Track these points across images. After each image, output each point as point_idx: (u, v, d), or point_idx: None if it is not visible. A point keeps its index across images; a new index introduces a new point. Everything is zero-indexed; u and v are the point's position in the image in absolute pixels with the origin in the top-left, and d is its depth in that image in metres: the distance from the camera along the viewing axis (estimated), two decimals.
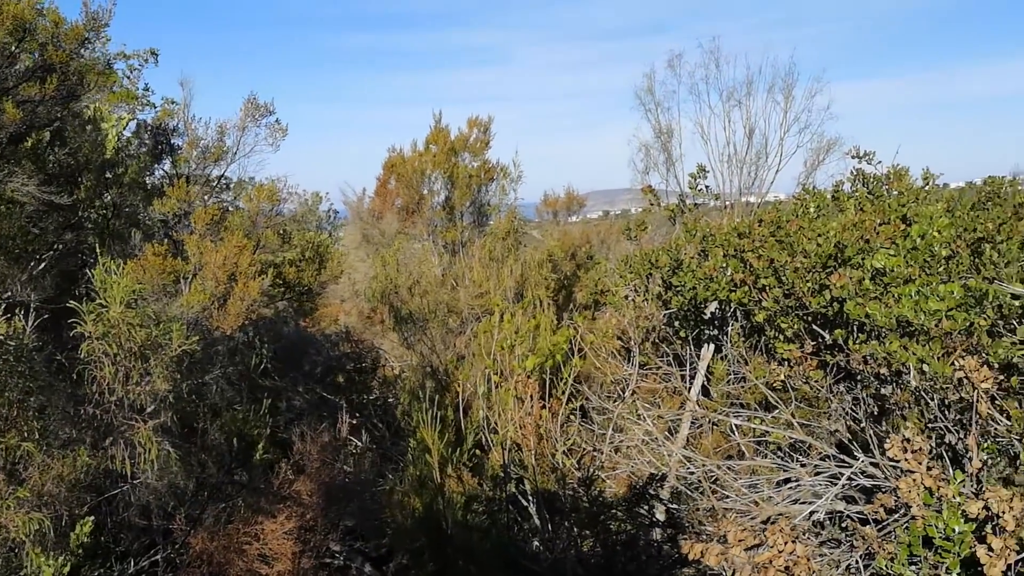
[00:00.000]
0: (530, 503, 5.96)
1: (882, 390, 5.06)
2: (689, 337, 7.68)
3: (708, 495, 5.27)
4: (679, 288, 7.34)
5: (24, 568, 4.72)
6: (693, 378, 7.57)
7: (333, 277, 10.11)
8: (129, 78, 12.37)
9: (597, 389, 7.32)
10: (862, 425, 5.14)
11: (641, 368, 7.66)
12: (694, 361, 7.61)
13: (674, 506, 5.83)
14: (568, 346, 6.27)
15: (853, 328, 5.26)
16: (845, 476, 4.60)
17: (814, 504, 4.54)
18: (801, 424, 5.79)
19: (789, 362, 5.83)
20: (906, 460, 3.85)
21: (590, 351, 7.61)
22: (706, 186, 9.62)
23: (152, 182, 9.55)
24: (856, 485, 4.83)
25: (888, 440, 3.97)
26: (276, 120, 10.53)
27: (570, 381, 6.10)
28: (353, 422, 10.95)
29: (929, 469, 3.88)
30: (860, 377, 5.27)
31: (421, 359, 10.17)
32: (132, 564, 6.15)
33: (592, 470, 5.78)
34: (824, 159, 14.88)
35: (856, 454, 4.89)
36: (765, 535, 3.70)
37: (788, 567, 3.54)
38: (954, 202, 8.05)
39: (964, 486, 3.83)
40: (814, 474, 5.12)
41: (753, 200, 14.31)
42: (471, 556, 5.88)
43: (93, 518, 5.32)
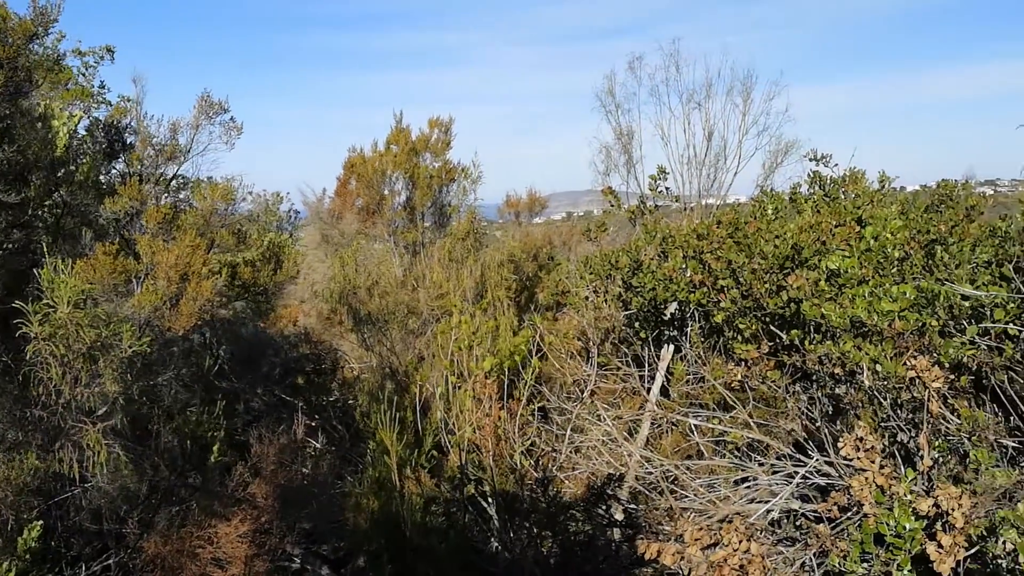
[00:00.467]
0: (489, 504, 5.95)
1: (837, 390, 5.11)
2: (649, 338, 7.71)
3: (666, 495, 5.29)
4: (639, 289, 7.38)
5: None
6: (653, 379, 7.60)
7: (290, 278, 9.99)
8: (84, 75, 12.12)
9: (557, 390, 7.33)
10: (817, 424, 5.19)
11: (601, 369, 7.68)
12: (654, 362, 7.64)
13: (632, 506, 5.84)
14: (528, 347, 6.26)
15: (809, 329, 5.31)
16: (800, 475, 4.65)
17: (769, 503, 4.58)
18: (759, 424, 5.84)
19: (747, 362, 5.88)
20: (859, 459, 3.90)
21: (550, 352, 7.62)
22: (666, 188, 9.69)
23: (105, 181, 9.37)
24: (811, 484, 4.88)
25: (842, 439, 4.02)
26: (231, 118, 10.38)
27: (530, 382, 6.09)
28: (312, 424, 10.85)
29: (881, 467, 3.93)
30: (816, 377, 5.32)
31: (380, 360, 10.10)
32: (83, 569, 6.03)
33: (551, 471, 5.77)
34: (782, 161, 15.07)
35: (811, 453, 4.94)
36: (721, 534, 3.72)
37: (743, 565, 3.56)
38: (908, 204, 8.19)
39: (915, 484, 3.88)
40: (771, 473, 5.16)
41: (713, 202, 14.45)
42: (430, 558, 5.85)
43: (42, 522, 5.21)
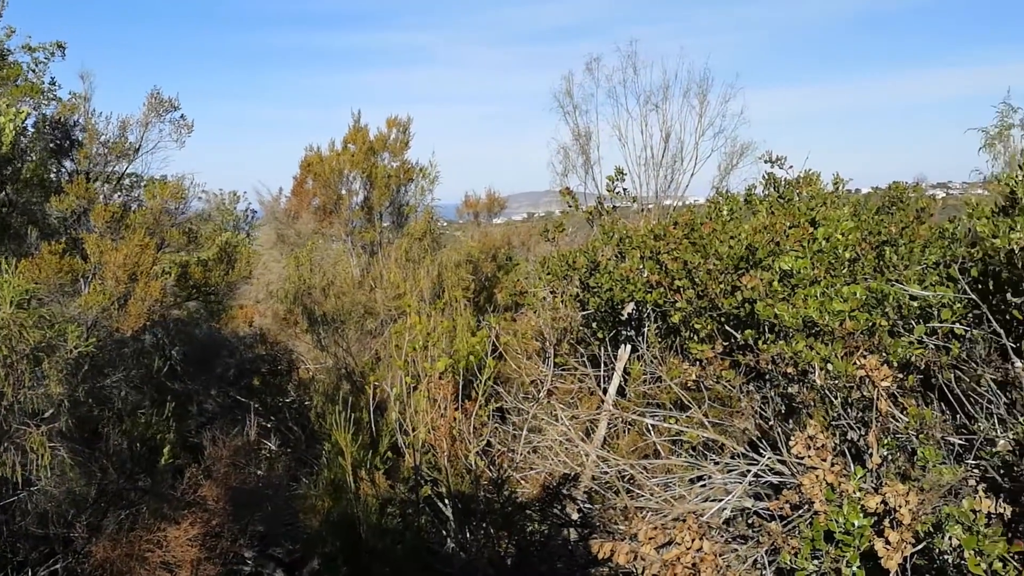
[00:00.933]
0: (446, 505, 5.91)
1: (789, 389, 5.16)
2: (606, 338, 7.73)
3: (622, 494, 5.30)
4: (596, 289, 7.39)
5: None
6: (610, 379, 7.62)
7: (242, 278, 9.86)
8: (34, 71, 11.84)
9: (515, 390, 7.31)
10: (771, 423, 5.24)
11: (559, 369, 7.68)
12: (611, 362, 7.65)
13: (588, 506, 5.85)
14: (485, 348, 6.24)
15: (763, 328, 5.36)
16: (752, 473, 4.68)
17: (723, 501, 4.61)
18: (714, 423, 5.88)
19: (701, 362, 5.91)
20: (810, 457, 3.94)
21: (508, 352, 7.60)
22: (624, 189, 9.71)
23: (53, 178, 9.15)
24: (765, 482, 4.92)
25: (793, 437, 4.05)
26: (181, 116, 10.22)
27: (487, 383, 6.06)
28: (268, 425, 10.72)
29: (832, 465, 3.97)
30: (769, 376, 5.37)
31: (336, 361, 10.00)
32: (30, 574, 5.89)
33: (506, 471, 5.75)
34: (737, 163, 15.21)
35: (764, 452, 4.99)
36: (674, 533, 3.73)
37: (695, 564, 3.57)
38: (860, 206, 8.32)
39: (864, 482, 3.93)
40: (725, 472, 5.20)
41: (670, 203, 14.54)
42: (385, 559, 5.80)
43: None
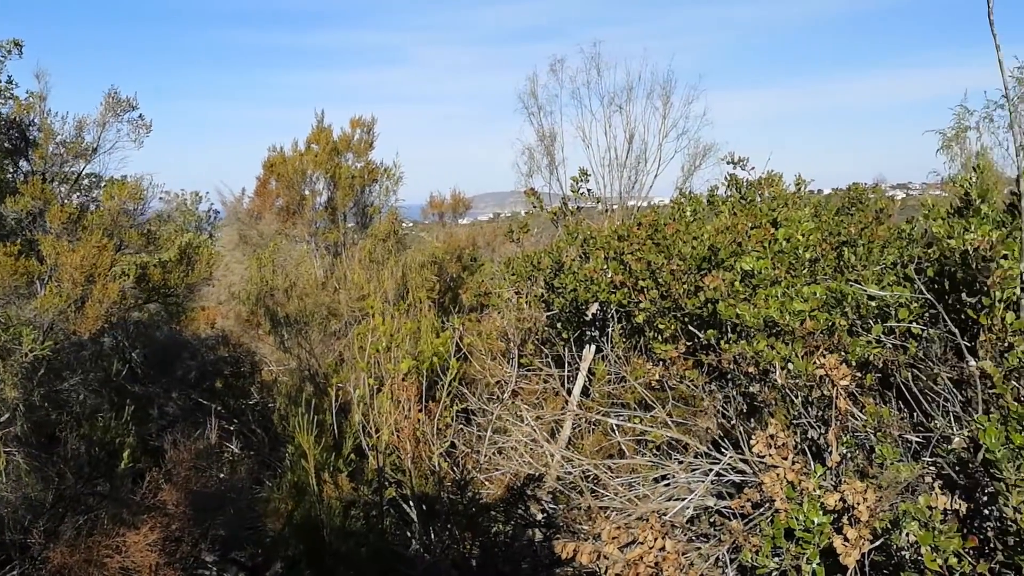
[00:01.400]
0: (411, 507, 5.89)
1: (751, 388, 5.21)
2: (571, 338, 7.75)
3: (586, 495, 5.32)
4: (561, 290, 7.41)
5: None
6: (575, 379, 7.64)
7: (202, 279, 9.73)
8: None
9: (480, 391, 7.31)
10: (733, 423, 5.29)
11: (524, 369, 7.69)
12: (576, 362, 7.68)
13: (552, 506, 5.86)
14: (449, 349, 6.22)
15: (726, 328, 5.41)
16: (713, 472, 4.72)
17: (685, 500, 4.64)
18: (678, 423, 5.92)
19: (664, 362, 5.95)
20: (771, 455, 3.98)
21: (473, 353, 7.59)
22: (588, 189, 9.76)
23: (8, 179, 8.97)
24: (727, 481, 4.96)
25: (754, 436, 4.10)
26: (140, 116, 10.07)
27: (451, 384, 6.05)
28: (231, 428, 10.60)
29: (793, 464, 4.02)
30: (731, 376, 5.42)
31: (300, 363, 9.93)
32: None
33: (470, 472, 5.75)
34: (700, 164, 15.34)
35: (726, 451, 5.03)
36: (637, 532, 3.75)
37: (658, 563, 3.60)
38: (821, 207, 8.44)
39: (824, 479, 3.98)
40: (689, 471, 5.23)
41: (635, 203, 14.63)
42: (349, 562, 5.77)
43: None
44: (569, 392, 7.44)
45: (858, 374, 4.54)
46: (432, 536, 5.60)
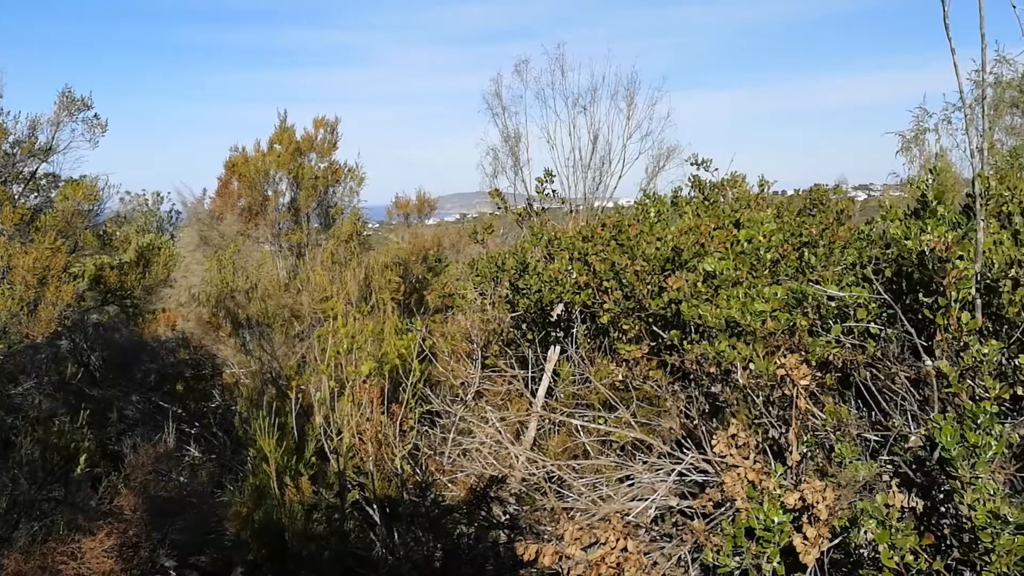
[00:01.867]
0: (374, 510, 5.85)
1: (713, 388, 5.24)
2: (536, 339, 7.75)
3: (550, 496, 5.32)
4: (525, 291, 7.41)
5: None
6: (540, 380, 7.64)
7: (159, 281, 9.60)
8: None
9: (445, 393, 7.28)
10: (695, 423, 5.32)
11: (489, 371, 7.67)
12: (541, 363, 7.68)
13: (515, 508, 5.85)
14: (412, 350, 6.19)
15: (690, 329, 5.43)
16: (675, 472, 4.74)
17: (646, 501, 4.65)
18: (642, 423, 5.94)
19: (628, 363, 5.97)
20: (731, 455, 4.00)
21: (438, 355, 7.56)
22: (553, 190, 9.77)
23: None
24: (690, 481, 4.99)
25: (715, 436, 4.12)
26: (95, 115, 9.90)
27: (415, 385, 6.02)
28: (192, 431, 10.47)
29: (754, 463, 4.04)
30: (693, 376, 5.45)
31: (261, 365, 9.83)
32: None
33: (433, 474, 5.72)
34: (664, 165, 15.47)
35: (688, 451, 5.05)
36: (598, 533, 3.75)
37: (619, 563, 3.60)
38: (783, 208, 8.52)
39: (784, 478, 4.01)
40: (652, 471, 5.25)
41: (600, 204, 14.69)
42: (311, 566, 5.72)
43: None
44: (534, 393, 7.43)
45: (818, 374, 4.58)
46: (396, 539, 5.56)
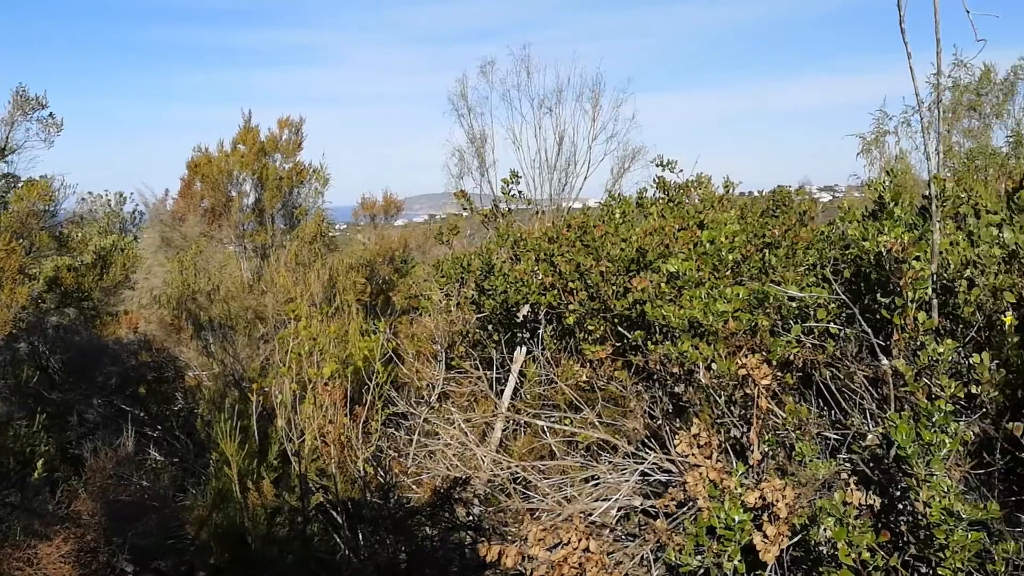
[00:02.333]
0: (338, 513, 5.81)
1: (676, 388, 5.27)
2: (502, 340, 7.75)
3: (514, 497, 5.32)
4: (491, 292, 7.41)
5: None
6: (506, 381, 7.64)
7: (117, 283, 9.45)
8: None
9: (409, 395, 7.25)
10: (659, 423, 5.35)
11: (456, 372, 7.66)
12: (507, 364, 7.68)
13: (478, 509, 5.85)
14: (376, 352, 6.16)
15: (654, 329, 5.46)
16: (637, 472, 4.76)
17: (610, 501, 4.67)
18: (607, 423, 5.96)
19: (592, 363, 5.99)
20: (693, 455, 4.03)
21: (403, 356, 7.53)
22: (519, 192, 9.78)
23: None
24: (654, 480, 5.02)
25: (677, 436, 4.14)
26: (50, 114, 9.73)
27: (379, 387, 5.99)
28: (154, 435, 10.34)
29: (716, 462, 4.08)
30: (657, 376, 5.48)
31: (224, 368, 9.72)
32: None
33: (397, 476, 5.70)
34: (629, 167, 15.58)
35: (652, 451, 5.08)
36: (561, 534, 3.76)
37: (582, 564, 3.61)
38: (746, 209, 8.59)
39: (746, 477, 4.04)
40: (617, 471, 5.27)
41: (567, 205, 14.73)
42: (274, 570, 5.67)
43: None
44: (500, 394, 7.43)
45: (779, 373, 4.63)
46: (360, 541, 5.53)
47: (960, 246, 4.27)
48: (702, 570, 3.79)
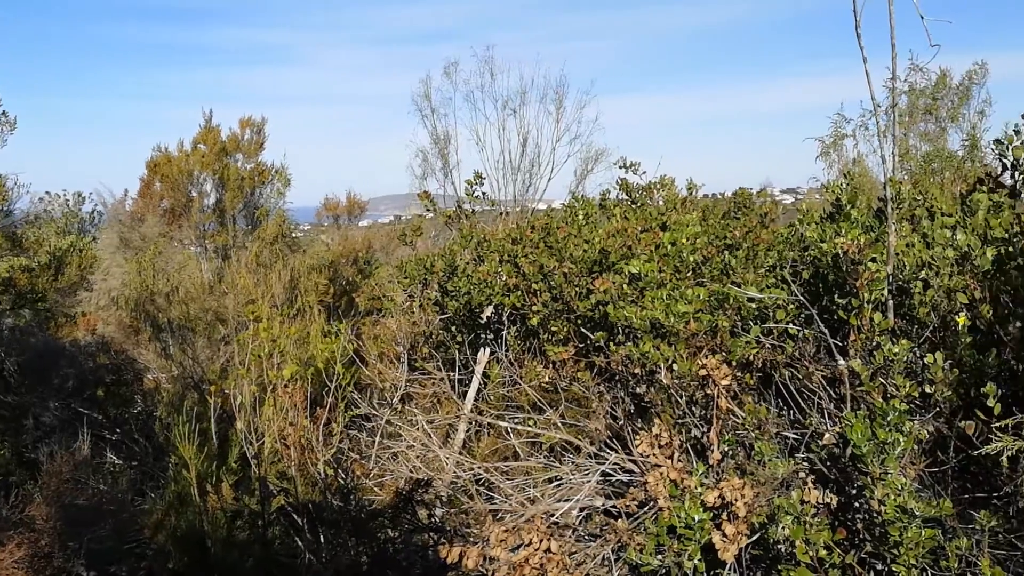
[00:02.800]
0: (300, 516, 5.77)
1: (638, 389, 5.30)
2: (466, 342, 7.74)
3: (476, 498, 5.31)
4: (454, 293, 7.39)
5: None
6: (470, 382, 7.63)
7: (71, 284, 9.28)
8: None
9: (371, 396, 7.21)
10: (621, 423, 5.37)
11: (419, 373, 7.63)
12: (471, 365, 7.67)
13: (441, 511, 5.84)
14: (337, 354, 6.11)
15: (617, 330, 5.48)
16: (598, 472, 4.78)
17: (571, 501, 4.68)
18: (570, 424, 5.97)
19: (555, 364, 6.00)
20: (654, 455, 4.05)
21: (366, 358, 7.49)
22: (483, 193, 9.77)
23: None
24: (616, 480, 5.04)
25: (637, 436, 4.16)
26: (3, 112, 9.53)
27: (341, 389, 5.95)
28: (113, 438, 10.19)
29: (679, 462, 4.10)
30: (619, 377, 5.50)
31: (183, 370, 9.60)
32: None
33: (359, 479, 5.67)
34: (593, 168, 15.66)
35: (615, 451, 5.10)
36: (522, 534, 3.76)
37: (543, 564, 3.61)
38: (708, 211, 8.67)
39: (706, 477, 4.07)
40: (580, 472, 5.29)
41: (532, 206, 14.77)
42: (233, 574, 5.60)
43: None
44: (463, 395, 7.42)
45: (739, 374, 4.67)
46: (321, 544, 5.49)
47: (915, 248, 4.34)
48: (663, 569, 3.81)
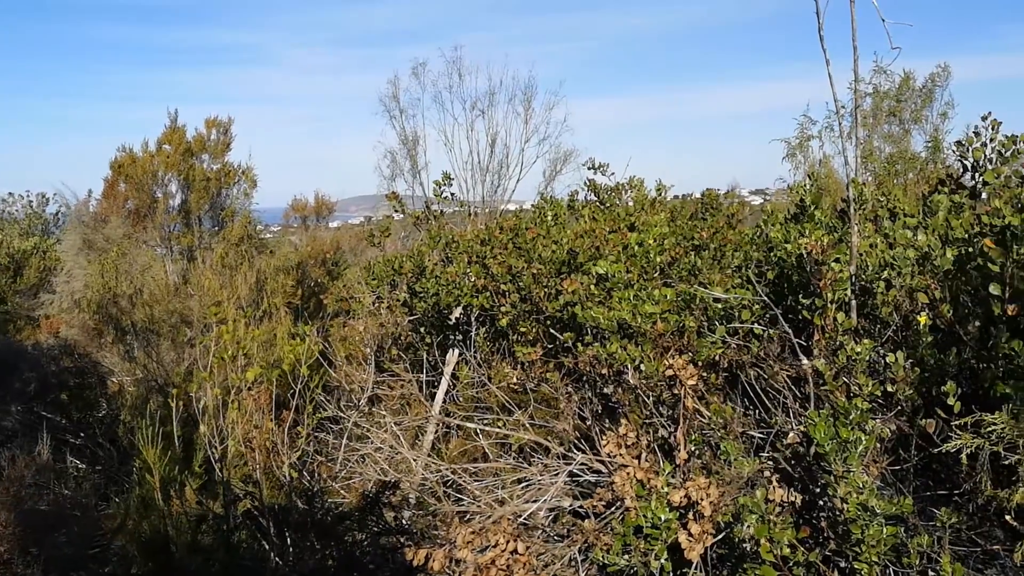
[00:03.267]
0: (266, 519, 5.71)
1: (606, 389, 5.31)
2: (434, 343, 7.71)
3: (444, 500, 5.29)
4: (423, 294, 7.37)
5: None
6: (439, 383, 7.60)
7: (32, 286, 9.13)
8: None
9: (338, 399, 7.16)
10: (589, 423, 5.38)
11: (387, 375, 7.59)
12: (440, 367, 7.64)
13: (409, 513, 5.81)
14: (304, 356, 6.06)
15: (585, 331, 5.49)
16: (565, 473, 4.78)
17: (539, 502, 4.68)
18: (539, 425, 5.97)
19: (523, 365, 6.00)
20: (621, 455, 4.06)
21: (333, 360, 7.44)
22: (451, 193, 9.73)
23: None
24: (584, 481, 5.04)
25: (604, 437, 4.17)
26: None
27: (308, 391, 5.90)
28: (76, 442, 10.05)
29: (646, 462, 4.12)
30: (587, 378, 5.51)
31: (147, 373, 9.48)
32: None
33: (325, 481, 5.63)
34: (561, 169, 15.70)
35: (583, 451, 5.11)
36: (489, 536, 3.75)
37: (509, 565, 3.60)
38: (676, 212, 8.71)
39: (672, 477, 4.09)
40: (549, 473, 5.29)
41: (501, 207, 14.76)
42: None
43: None
44: (432, 397, 7.39)
45: (705, 374, 4.70)
46: (287, 547, 5.44)
47: (878, 248, 4.39)
48: (630, 569, 3.82)
